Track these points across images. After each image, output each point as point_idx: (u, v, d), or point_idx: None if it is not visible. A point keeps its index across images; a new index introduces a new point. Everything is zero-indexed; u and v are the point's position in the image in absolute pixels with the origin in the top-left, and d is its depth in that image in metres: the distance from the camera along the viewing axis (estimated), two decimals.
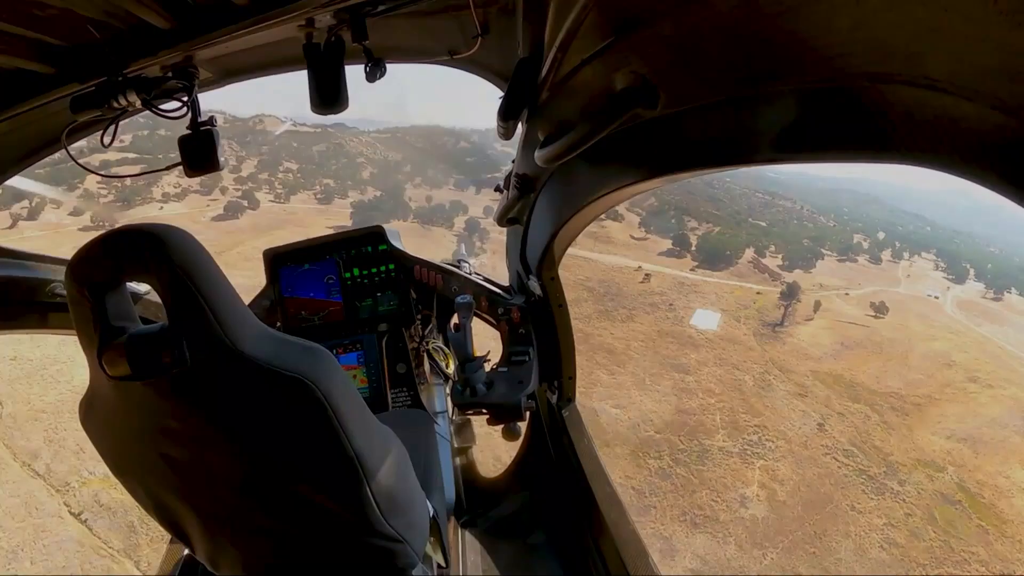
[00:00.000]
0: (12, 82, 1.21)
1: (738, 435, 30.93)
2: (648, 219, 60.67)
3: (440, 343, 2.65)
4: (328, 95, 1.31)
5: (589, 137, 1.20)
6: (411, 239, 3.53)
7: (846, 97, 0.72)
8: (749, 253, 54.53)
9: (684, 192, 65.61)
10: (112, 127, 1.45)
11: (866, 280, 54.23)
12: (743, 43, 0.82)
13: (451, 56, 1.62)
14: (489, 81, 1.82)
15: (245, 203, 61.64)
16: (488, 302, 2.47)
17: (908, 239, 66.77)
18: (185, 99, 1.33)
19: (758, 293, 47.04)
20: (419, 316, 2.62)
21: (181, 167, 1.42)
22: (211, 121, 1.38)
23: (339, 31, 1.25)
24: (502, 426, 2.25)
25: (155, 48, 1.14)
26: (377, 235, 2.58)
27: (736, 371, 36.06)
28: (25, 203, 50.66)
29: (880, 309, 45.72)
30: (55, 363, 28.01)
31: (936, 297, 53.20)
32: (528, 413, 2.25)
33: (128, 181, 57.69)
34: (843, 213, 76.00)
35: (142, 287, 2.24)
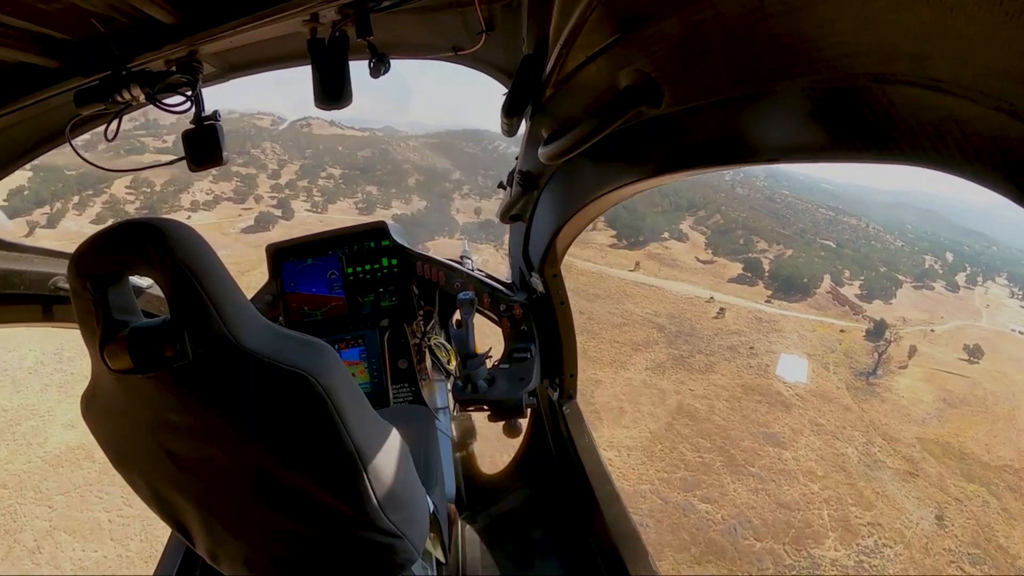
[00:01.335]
0: (16, 76, 1.20)
1: (851, 539, 26.43)
2: (714, 239, 56.00)
3: (442, 339, 2.64)
4: (332, 90, 1.29)
5: (593, 134, 1.18)
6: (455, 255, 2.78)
7: (850, 97, 0.71)
8: (827, 281, 50.09)
9: (747, 208, 61.11)
10: (116, 121, 1.42)
11: (946, 311, 50.05)
12: (748, 42, 0.81)
13: (455, 52, 1.62)
14: (493, 78, 1.82)
15: (279, 213, 57.19)
16: (490, 298, 2.45)
17: (977, 260, 62.97)
18: (189, 93, 1.31)
19: (841, 331, 42.77)
20: (421, 312, 2.60)
21: (187, 164, 1.41)
22: (215, 116, 1.37)
23: (343, 26, 1.22)
24: (503, 423, 2.24)
25: (159, 42, 1.13)
26: (380, 231, 2.55)
27: (836, 441, 31.78)
28: (46, 209, 47.58)
29: (974, 353, 41.99)
30: (32, 416, 24.17)
31: (1021, 333, 49.47)
32: (529, 410, 2.34)
33: (158, 187, 55.90)
34: (907, 231, 71.81)
35: (145, 281, 2.24)
